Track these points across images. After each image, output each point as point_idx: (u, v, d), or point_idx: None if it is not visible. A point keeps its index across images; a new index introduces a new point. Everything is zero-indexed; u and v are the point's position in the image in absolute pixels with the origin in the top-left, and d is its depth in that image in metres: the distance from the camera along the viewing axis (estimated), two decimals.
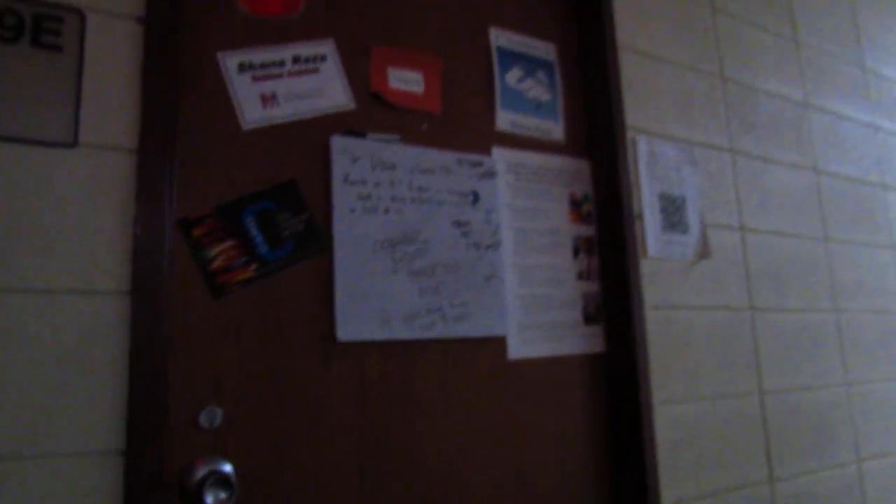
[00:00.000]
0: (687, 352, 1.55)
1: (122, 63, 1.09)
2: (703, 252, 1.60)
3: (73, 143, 1.04)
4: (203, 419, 1.08)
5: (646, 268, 1.52)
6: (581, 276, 1.51)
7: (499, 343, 1.38)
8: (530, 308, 1.42)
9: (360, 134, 1.30)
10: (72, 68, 1.06)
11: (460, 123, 1.44)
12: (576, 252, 1.52)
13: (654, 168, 1.58)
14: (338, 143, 1.27)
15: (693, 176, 1.64)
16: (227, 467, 1.06)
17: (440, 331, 1.29)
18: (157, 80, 1.09)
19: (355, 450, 1.19)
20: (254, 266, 1.17)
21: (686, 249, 1.58)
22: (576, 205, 1.55)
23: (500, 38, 1.53)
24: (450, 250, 1.35)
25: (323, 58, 1.30)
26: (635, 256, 1.51)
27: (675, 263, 1.56)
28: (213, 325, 1.11)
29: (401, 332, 1.25)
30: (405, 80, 1.38)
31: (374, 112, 1.34)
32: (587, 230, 1.55)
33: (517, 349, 1.39)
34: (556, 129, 1.57)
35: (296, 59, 1.27)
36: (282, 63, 1.26)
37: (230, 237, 1.16)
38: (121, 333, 1.01)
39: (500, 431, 1.35)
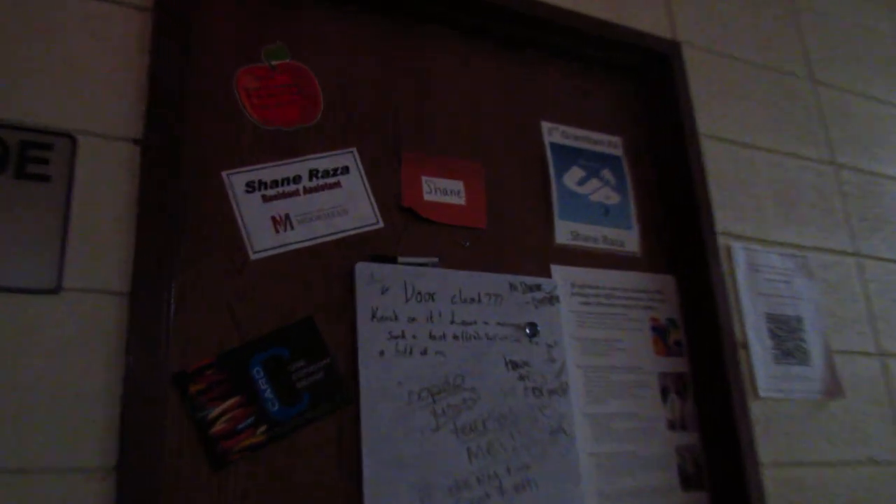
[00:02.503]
0: None
1: (116, 191, 1.20)
2: (833, 388, 1.58)
3: (57, 289, 1.13)
4: None
5: (757, 411, 1.50)
6: (673, 425, 1.50)
7: None
8: (610, 470, 1.42)
9: (391, 258, 1.38)
10: (59, 201, 1.17)
11: (511, 239, 1.51)
12: (664, 394, 1.53)
13: (756, 282, 1.60)
14: (363, 270, 1.34)
15: (809, 290, 1.65)
16: None
17: None
18: (153, 209, 1.19)
19: None
20: (263, 428, 1.22)
21: (809, 385, 1.56)
22: (660, 333, 1.57)
23: (553, 133, 1.63)
24: (504, 399, 1.38)
25: (345, 170, 1.41)
26: (742, 397, 1.50)
27: (796, 405, 1.54)
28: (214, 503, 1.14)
29: None
30: (443, 191, 1.47)
31: (406, 231, 1.43)
32: (677, 364, 1.57)
33: None
34: (629, 239, 1.62)
35: (313, 174, 1.38)
36: (297, 179, 1.36)
37: (234, 393, 1.22)
38: None
39: None
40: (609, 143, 1.69)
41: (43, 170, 1.17)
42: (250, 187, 1.33)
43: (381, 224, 1.40)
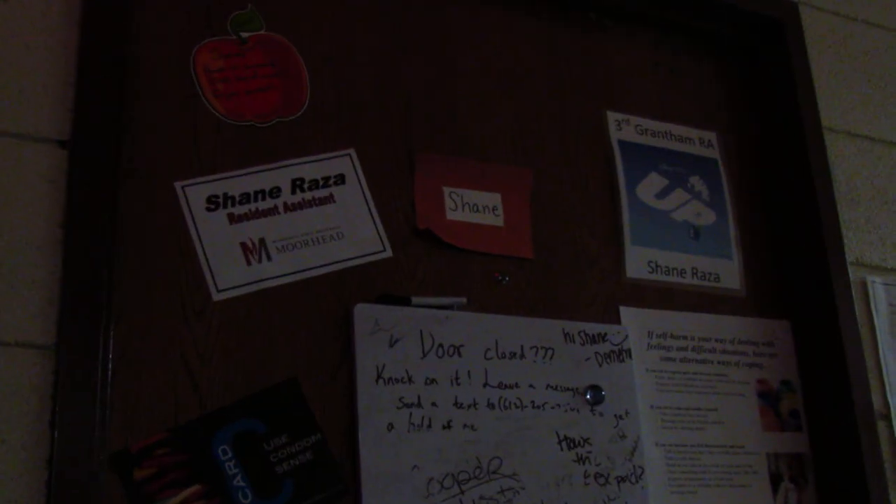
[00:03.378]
0: None
1: (36, 206, 1.25)
2: None
3: None
4: None
5: None
6: None
7: None
8: None
9: (402, 299, 1.42)
10: None
11: (566, 272, 1.55)
12: (775, 483, 1.55)
13: None
14: (365, 314, 1.39)
15: None
16: None
17: None
18: (84, 232, 1.24)
19: None
20: None
21: None
22: (770, 400, 1.60)
23: (623, 127, 1.67)
24: (557, 489, 1.41)
25: (340, 179, 1.46)
26: (882, 488, 1.51)
27: None
28: None
29: None
30: (473, 207, 1.51)
31: (423, 260, 1.47)
32: (793, 443, 1.59)
33: None
34: (728, 271, 1.65)
35: (297, 185, 1.43)
36: (275, 192, 1.42)
37: (194, 480, 1.26)
38: None
39: None
40: (700, 141, 1.72)
41: None
42: (213, 203, 1.38)
43: (389, 252, 1.45)
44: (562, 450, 1.45)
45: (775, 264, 1.69)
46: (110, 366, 1.25)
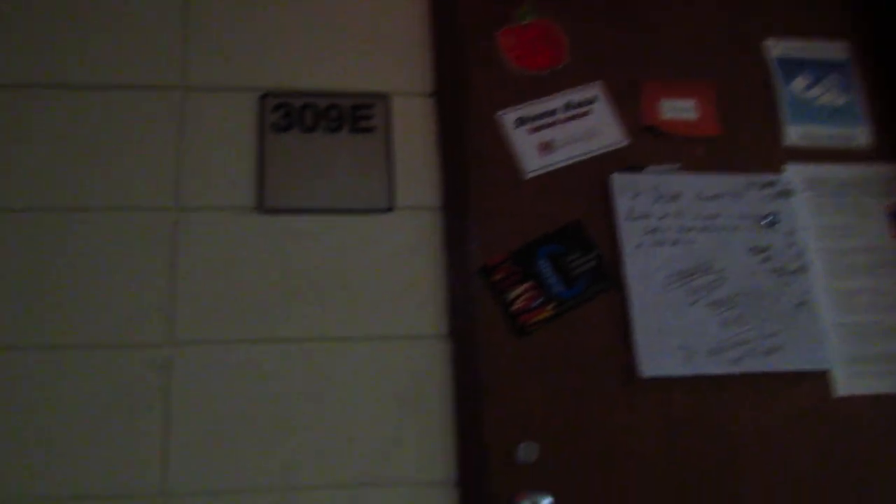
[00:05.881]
0: None
1: (421, 133, 1.62)
2: None
3: (390, 208, 1.63)
4: (520, 454, 1.57)
5: None
6: None
7: (819, 378, 1.61)
8: (856, 338, 1.63)
9: (639, 168, 1.75)
10: (383, 145, 1.67)
11: (743, 144, 1.74)
12: None
13: None
14: (618, 180, 1.71)
15: None
16: (547, 501, 1.54)
17: (749, 365, 1.60)
18: (451, 145, 1.58)
19: (667, 488, 1.50)
20: (551, 305, 1.65)
21: None
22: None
23: (777, 48, 1.87)
24: (750, 278, 1.65)
25: (592, 100, 1.81)
26: None
27: None
28: (520, 364, 1.55)
29: (706, 367, 1.60)
30: (678, 109, 1.81)
31: (649, 145, 1.72)
32: None
33: (844, 385, 1.62)
34: (858, 134, 1.79)
35: (567, 106, 1.79)
36: (554, 112, 1.78)
37: (526, 279, 1.63)
38: (443, 373, 1.53)
39: (826, 477, 1.55)
40: (835, 50, 1.84)
41: (369, 123, 1.65)
42: (519, 122, 1.75)
43: (628, 142, 1.74)
44: (751, 255, 1.66)
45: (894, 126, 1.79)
46: (473, 217, 1.61)
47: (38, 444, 1.32)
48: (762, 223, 1.68)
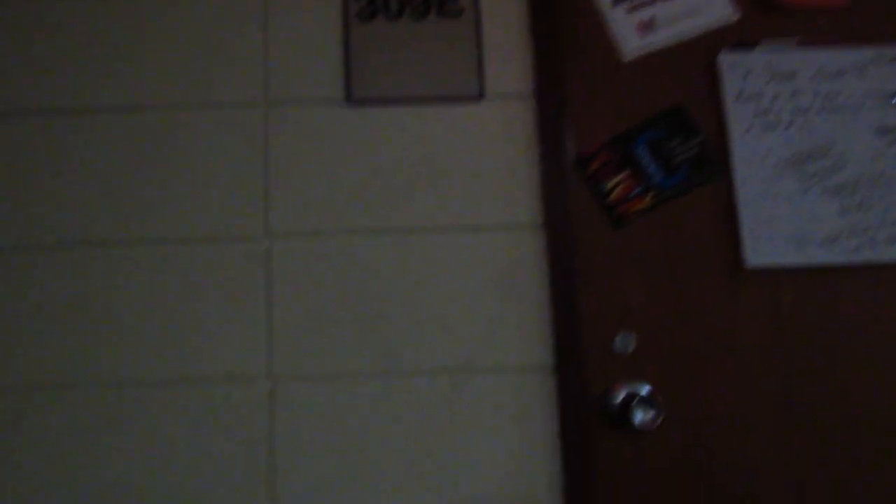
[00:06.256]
0: None
1: (511, 18, 1.55)
2: None
3: (480, 96, 1.56)
4: (618, 344, 1.51)
5: None
6: None
7: None
8: None
9: (750, 45, 1.58)
10: (471, 29, 1.58)
11: (872, 12, 1.57)
12: None
13: None
14: (726, 58, 1.56)
15: None
16: (646, 390, 1.48)
17: (868, 255, 1.47)
18: (541, 28, 1.50)
19: (773, 381, 1.43)
20: (650, 195, 1.55)
21: None
22: None
23: None
24: (873, 163, 1.50)
25: None
26: None
27: None
28: (617, 255, 1.50)
29: (820, 257, 1.48)
30: None
31: (762, 19, 1.56)
32: None
33: None
34: None
35: None
36: None
37: (624, 168, 1.54)
38: (538, 263, 1.49)
39: None
40: None
41: (456, 7, 1.56)
42: (616, 1, 1.62)
43: (737, 16, 1.57)
44: (876, 136, 1.51)
45: None
46: (567, 106, 1.54)
47: (152, 331, 1.39)
48: (894, 101, 1.51)
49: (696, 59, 1.56)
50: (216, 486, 1.30)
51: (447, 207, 1.44)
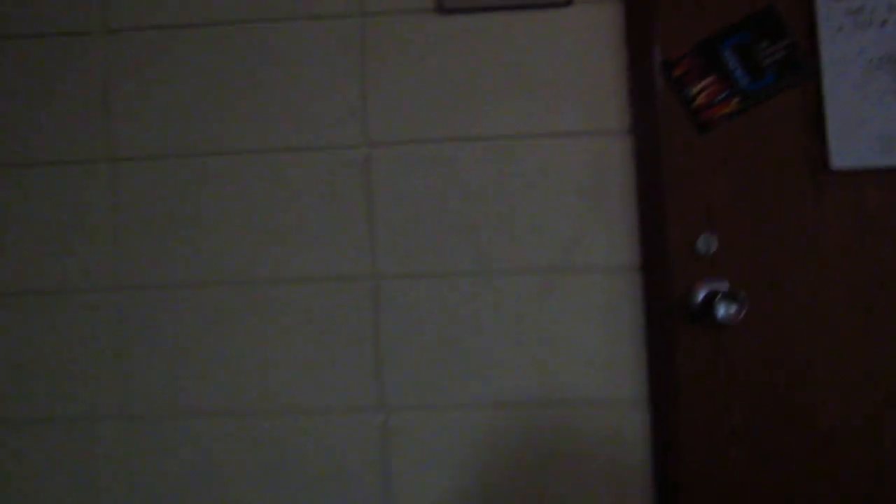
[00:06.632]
0: None
1: None
2: None
3: (568, 2, 1.55)
4: (700, 246, 1.55)
5: None
6: None
7: None
8: None
9: None
10: None
11: None
12: None
13: None
14: None
15: None
16: (725, 286, 1.53)
17: None
18: None
19: (855, 282, 1.47)
20: (736, 99, 1.55)
21: None
22: None
23: None
24: None
25: None
26: None
27: None
28: (702, 159, 1.53)
29: None
30: None
31: None
32: None
33: None
34: None
35: None
36: None
37: (710, 73, 1.54)
38: (626, 167, 1.52)
39: None
40: None
41: None
42: None
43: None
44: None
45: None
46: (655, 9, 1.54)
47: (262, 232, 1.50)
48: None
49: None
50: (329, 376, 1.42)
51: (537, 114, 1.48)
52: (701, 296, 1.44)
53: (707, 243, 1.46)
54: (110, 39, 1.50)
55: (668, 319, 1.41)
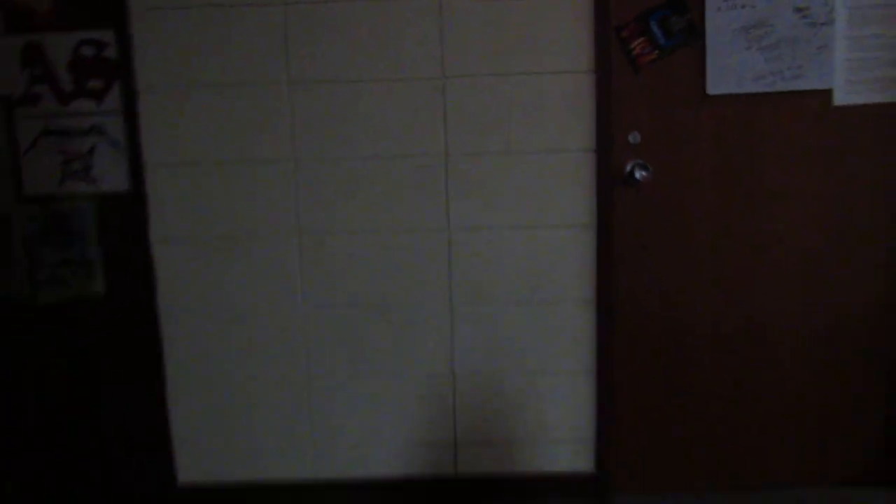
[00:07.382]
0: None
1: None
2: None
3: None
4: (630, 139, 2.71)
5: None
6: None
7: (825, 94, 2.47)
8: (859, 68, 2.48)
9: None
10: None
11: None
12: None
13: None
14: None
15: None
16: (641, 162, 2.71)
17: (779, 86, 2.47)
18: None
19: (716, 158, 2.55)
20: (656, 52, 2.62)
21: None
22: None
23: None
24: (790, 30, 2.42)
25: None
26: None
27: None
28: (635, 90, 2.60)
29: (750, 87, 2.51)
30: None
31: None
32: None
33: (842, 98, 2.57)
34: None
35: None
36: None
37: (642, 35, 2.58)
38: (591, 91, 2.58)
39: (819, 166, 2.53)
40: None
41: None
42: None
43: None
44: (795, 13, 2.49)
45: None
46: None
47: (361, 134, 2.52)
48: None
49: None
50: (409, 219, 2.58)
51: (539, 58, 2.50)
52: (628, 167, 2.62)
53: (635, 137, 2.62)
54: None
55: (609, 180, 2.60)
